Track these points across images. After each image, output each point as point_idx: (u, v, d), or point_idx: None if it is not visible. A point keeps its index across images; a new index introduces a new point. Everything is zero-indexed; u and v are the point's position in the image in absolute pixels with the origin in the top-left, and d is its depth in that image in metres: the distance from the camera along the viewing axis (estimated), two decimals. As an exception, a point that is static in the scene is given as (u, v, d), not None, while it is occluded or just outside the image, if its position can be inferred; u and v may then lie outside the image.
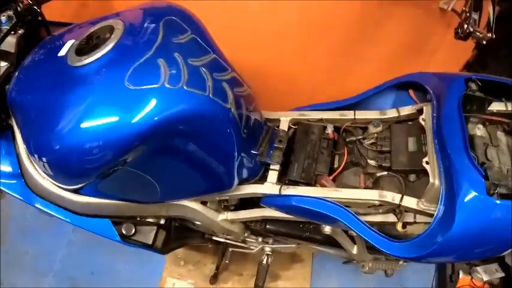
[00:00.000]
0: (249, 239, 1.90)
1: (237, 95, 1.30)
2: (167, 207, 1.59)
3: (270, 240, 1.91)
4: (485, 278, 2.63)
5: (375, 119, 1.52)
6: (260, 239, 1.89)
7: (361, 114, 1.55)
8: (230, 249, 2.14)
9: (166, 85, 1.13)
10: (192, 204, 1.57)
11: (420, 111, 1.44)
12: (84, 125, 1.10)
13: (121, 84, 1.11)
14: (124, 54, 1.19)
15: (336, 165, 1.52)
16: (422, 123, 1.39)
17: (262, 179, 1.51)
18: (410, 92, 1.61)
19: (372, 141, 1.51)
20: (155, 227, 1.69)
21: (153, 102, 1.10)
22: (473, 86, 1.37)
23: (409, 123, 1.50)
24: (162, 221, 1.68)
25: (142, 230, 1.67)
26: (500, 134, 1.38)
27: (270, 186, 1.46)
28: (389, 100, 1.63)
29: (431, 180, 1.25)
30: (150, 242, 1.67)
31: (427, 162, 1.29)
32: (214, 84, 1.24)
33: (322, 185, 1.43)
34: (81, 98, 1.13)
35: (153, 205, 1.54)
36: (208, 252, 2.41)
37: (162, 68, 1.15)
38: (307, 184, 1.46)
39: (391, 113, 1.53)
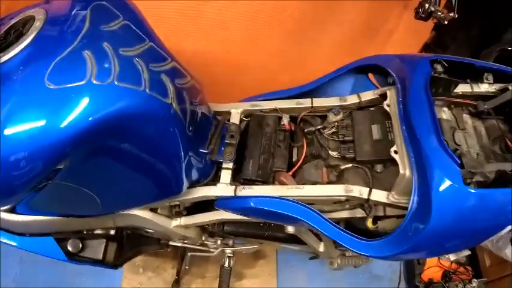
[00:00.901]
0: (207, 242, 1.71)
1: (178, 88, 1.12)
2: (114, 218, 1.42)
3: (230, 242, 1.74)
4: (452, 257, 2.54)
5: (334, 107, 1.36)
6: (219, 242, 1.71)
7: (319, 102, 1.39)
8: (189, 254, 1.94)
9: (94, 81, 0.94)
10: (141, 213, 1.40)
11: (383, 96, 1.30)
12: (6, 132, 0.89)
13: (40, 83, 0.92)
14: (44, 48, 0.99)
15: (294, 159, 1.35)
16: (387, 109, 1.25)
17: (215, 179, 1.34)
18: (370, 76, 1.48)
19: (333, 130, 1.35)
20: (104, 240, 1.50)
21: (79, 103, 0.91)
22: (439, 68, 1.24)
23: (372, 109, 1.36)
24: (112, 232, 1.51)
25: (91, 245, 1.49)
26: (466, 117, 1.26)
27: (223, 188, 1.28)
28: (348, 85, 1.48)
29: (401, 171, 1.12)
30: (99, 256, 1.49)
31: (395, 152, 1.16)
32: (151, 76, 1.05)
33: (281, 183, 1.27)
34: (1, 102, 0.92)
35: (98, 218, 1.36)
36: (168, 257, 2.23)
37: (89, 61, 0.96)
38: (265, 182, 1.30)
39: (352, 99, 1.38)
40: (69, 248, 1.41)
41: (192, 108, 1.19)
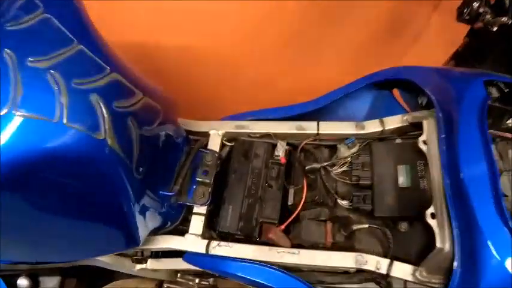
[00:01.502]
0: (183, 280, 1.35)
1: (119, 113, 0.76)
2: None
3: (211, 280, 1.37)
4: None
5: (347, 136, 1.00)
6: (197, 280, 1.34)
7: (328, 128, 1.03)
8: (165, 286, 1.60)
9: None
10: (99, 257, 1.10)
11: (416, 126, 0.95)
12: None
13: None
14: None
15: (290, 203, 1.00)
16: (423, 148, 0.90)
17: (185, 224, 1.00)
18: (395, 92, 1.12)
19: (344, 168, 0.99)
20: (59, 277, 1.22)
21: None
22: (494, 93, 0.94)
23: (398, 141, 1.00)
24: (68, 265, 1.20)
25: (44, 282, 1.20)
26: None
27: (192, 241, 0.96)
28: (365, 105, 1.13)
29: (438, 243, 0.81)
30: None
31: (432, 215, 0.83)
32: (73, 98, 0.70)
33: (270, 240, 0.90)
34: None
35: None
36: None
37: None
38: (248, 239, 0.94)
39: (372, 127, 1.01)
40: None
41: (145, 138, 0.82)
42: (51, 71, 0.70)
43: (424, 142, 0.91)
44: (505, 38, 1.34)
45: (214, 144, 1.03)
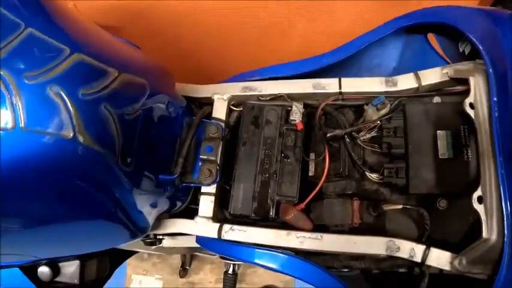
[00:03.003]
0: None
1: (88, 101, 0.61)
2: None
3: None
4: None
5: (376, 94, 0.81)
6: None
7: (352, 84, 0.84)
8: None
9: None
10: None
11: (460, 81, 0.77)
12: None
13: None
14: None
15: (311, 174, 0.85)
16: (470, 112, 0.73)
17: (197, 202, 0.87)
18: (430, 37, 0.90)
19: (373, 134, 0.82)
20: (78, 261, 1.08)
21: None
22: None
23: (436, 99, 0.82)
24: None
25: (64, 268, 1.07)
26: None
27: (203, 224, 0.84)
28: (395, 53, 0.92)
29: (484, 234, 0.67)
30: (75, 281, 1.06)
31: (479, 199, 0.68)
32: (27, 96, 0.56)
33: (288, 221, 0.76)
34: None
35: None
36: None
37: None
38: (263, 220, 0.81)
39: (406, 82, 0.81)
40: (40, 278, 1.04)
41: (128, 122, 0.67)
42: None
43: (471, 105, 0.73)
44: None
45: (219, 111, 0.87)
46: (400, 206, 0.76)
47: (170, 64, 0.89)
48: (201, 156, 0.82)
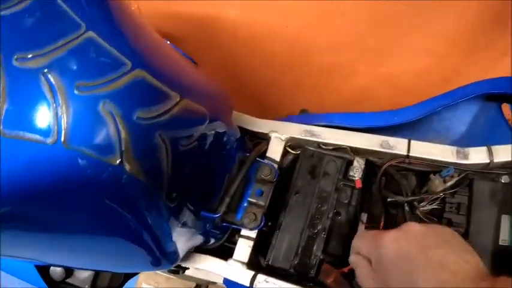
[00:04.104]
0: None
1: (143, 127, 0.47)
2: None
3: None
4: None
5: (445, 164, 0.65)
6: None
7: (422, 149, 0.67)
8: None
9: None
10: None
11: None
12: None
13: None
14: None
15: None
16: None
17: (232, 241, 0.72)
18: (505, 108, 0.74)
19: (435, 206, 0.65)
20: None
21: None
22: None
23: (504, 179, 0.65)
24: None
25: (78, 271, 0.91)
26: None
27: (236, 269, 0.69)
28: (466, 118, 0.75)
29: None
30: (87, 286, 0.89)
31: None
32: (75, 109, 0.43)
33: (329, 284, 0.62)
34: None
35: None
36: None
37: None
38: (301, 277, 0.65)
39: (478, 156, 0.65)
40: (51, 276, 0.89)
41: (181, 155, 0.51)
42: (45, 71, 0.40)
43: None
44: None
45: (274, 151, 0.71)
46: None
47: (225, 83, 0.73)
48: (249, 199, 0.66)
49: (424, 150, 0.66)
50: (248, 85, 1.17)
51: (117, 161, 0.44)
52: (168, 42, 0.81)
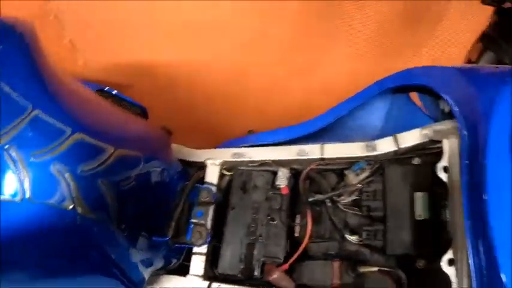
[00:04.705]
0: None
1: (86, 177, 0.77)
2: None
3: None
4: None
5: (356, 159, 0.96)
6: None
7: (334, 150, 0.99)
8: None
9: None
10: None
11: (435, 142, 0.89)
12: None
13: None
14: None
15: (297, 235, 0.99)
16: (443, 177, 0.83)
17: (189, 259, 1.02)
18: (413, 96, 1.06)
19: (354, 198, 0.97)
20: None
21: None
22: None
23: (415, 161, 0.95)
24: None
25: None
26: None
27: (194, 283, 0.99)
28: (380, 113, 1.08)
29: None
30: None
31: (450, 262, 0.77)
32: (33, 172, 0.72)
33: (272, 282, 0.93)
34: None
35: None
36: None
37: None
38: (249, 279, 0.96)
39: (385, 146, 0.95)
40: None
41: (123, 192, 0.83)
42: (6, 147, 0.71)
43: (445, 169, 0.83)
44: None
45: (211, 176, 1.03)
46: (376, 269, 0.88)
47: (177, 120, 1.06)
48: (192, 221, 0.97)
49: (336, 150, 0.97)
50: (198, 117, 1.51)
51: (71, 207, 0.76)
52: (115, 91, 1.17)
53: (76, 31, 1.47)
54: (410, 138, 0.93)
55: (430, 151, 0.93)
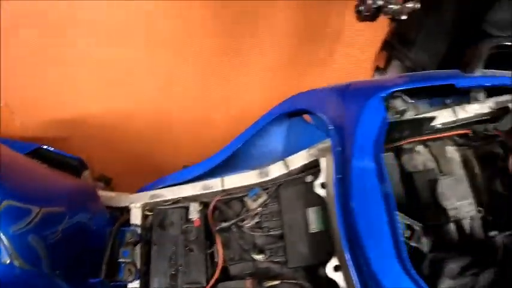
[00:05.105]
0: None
1: (19, 235, 1.11)
2: None
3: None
4: None
5: (254, 186, 1.30)
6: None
7: (232, 181, 1.33)
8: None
9: None
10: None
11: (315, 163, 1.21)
12: None
13: None
14: None
15: (217, 259, 1.31)
16: (320, 193, 1.17)
17: None
18: (307, 118, 1.37)
19: (256, 220, 1.30)
20: None
21: None
22: (399, 104, 1.16)
23: (308, 179, 1.26)
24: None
25: None
26: (451, 150, 1.21)
27: None
28: (281, 138, 1.42)
29: None
30: None
31: (336, 268, 1.08)
32: None
33: None
34: None
35: None
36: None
37: None
38: (178, 306, 1.25)
39: (276, 170, 1.29)
40: None
41: (54, 243, 1.18)
42: None
43: (323, 185, 1.15)
44: (432, 14, 1.57)
45: (135, 218, 1.36)
46: (278, 282, 1.19)
47: (117, 165, 1.42)
48: (120, 260, 1.32)
49: (235, 181, 1.30)
50: (136, 160, 1.89)
51: (8, 261, 1.11)
52: (52, 148, 1.53)
53: (10, 94, 1.86)
54: (299, 159, 1.26)
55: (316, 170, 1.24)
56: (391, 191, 1.00)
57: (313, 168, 1.25)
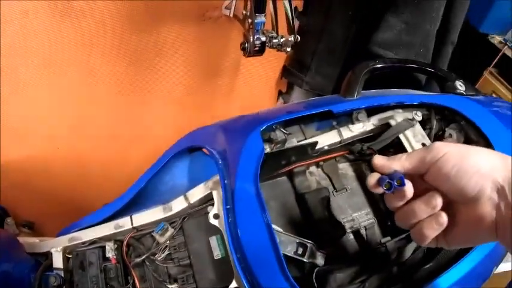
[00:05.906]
0: None
1: None
2: None
3: None
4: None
5: (160, 221, 1.50)
6: None
7: (141, 219, 1.53)
8: None
9: None
10: None
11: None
12: None
13: None
14: None
15: (141, 293, 1.50)
16: (214, 223, 1.35)
17: None
18: (206, 151, 1.59)
19: (167, 252, 1.51)
20: None
21: None
22: (279, 135, 1.31)
23: (210, 208, 1.42)
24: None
25: None
26: (345, 166, 1.39)
27: None
28: (182, 172, 1.60)
29: None
30: None
31: None
32: None
33: None
34: None
35: None
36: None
37: None
38: None
39: (178, 205, 1.49)
40: None
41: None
42: None
43: (216, 216, 1.36)
44: (323, 37, 1.67)
45: (57, 262, 1.56)
46: None
47: (42, 209, 1.51)
48: (42, 309, 1.44)
49: (143, 218, 1.51)
50: (60, 203, 2.03)
51: None
52: None
53: None
54: (198, 193, 1.51)
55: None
56: (269, 219, 1.17)
57: (211, 199, 1.44)
